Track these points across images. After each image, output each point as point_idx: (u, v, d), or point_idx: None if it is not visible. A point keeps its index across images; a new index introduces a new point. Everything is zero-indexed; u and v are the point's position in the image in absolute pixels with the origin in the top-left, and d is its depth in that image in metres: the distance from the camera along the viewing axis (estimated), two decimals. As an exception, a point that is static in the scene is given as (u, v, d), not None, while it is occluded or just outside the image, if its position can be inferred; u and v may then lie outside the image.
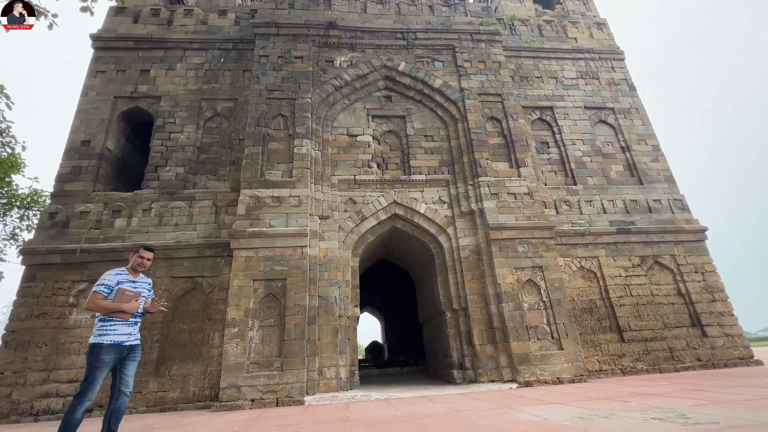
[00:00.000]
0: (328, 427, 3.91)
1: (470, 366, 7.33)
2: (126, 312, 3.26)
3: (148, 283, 3.57)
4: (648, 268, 8.57)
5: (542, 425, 3.31)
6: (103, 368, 3.12)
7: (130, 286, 3.37)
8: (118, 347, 3.20)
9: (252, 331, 6.73)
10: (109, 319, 3.23)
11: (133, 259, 3.50)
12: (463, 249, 8.08)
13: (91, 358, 3.11)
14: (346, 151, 8.85)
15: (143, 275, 3.57)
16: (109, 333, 3.18)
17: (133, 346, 3.32)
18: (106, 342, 3.15)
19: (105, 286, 3.28)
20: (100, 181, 8.31)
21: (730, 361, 7.76)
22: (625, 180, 9.65)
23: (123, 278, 3.38)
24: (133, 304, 3.30)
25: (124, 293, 3.28)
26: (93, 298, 3.23)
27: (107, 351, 3.14)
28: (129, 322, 3.30)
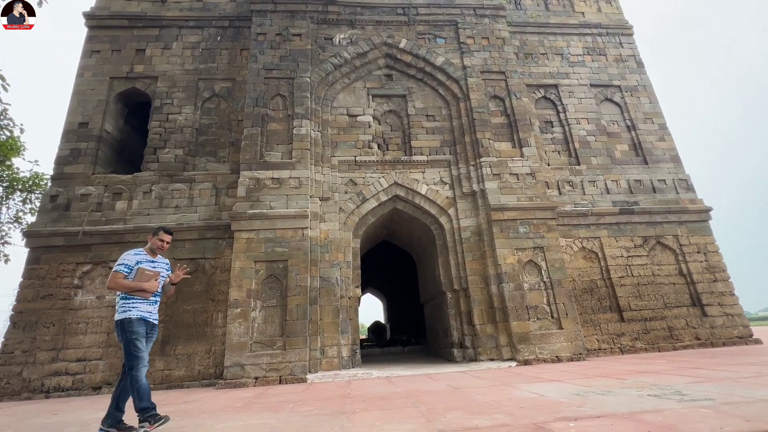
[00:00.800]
0: (328, 404, 3.99)
1: (470, 345, 7.43)
2: (147, 290, 3.29)
3: (166, 263, 3.59)
4: (650, 249, 8.54)
5: (539, 402, 3.35)
6: (140, 337, 3.18)
7: (149, 266, 3.39)
8: (145, 322, 3.28)
9: (254, 311, 6.81)
10: (131, 297, 3.27)
11: (152, 241, 3.51)
12: (464, 230, 8.06)
13: (125, 333, 3.17)
14: (347, 132, 8.73)
15: (161, 256, 3.59)
16: (133, 309, 3.24)
17: (153, 325, 3.38)
18: (135, 316, 3.21)
19: (125, 266, 3.30)
20: (99, 164, 8.28)
21: (728, 340, 7.81)
22: (630, 160, 9.50)
23: (142, 258, 3.40)
24: (153, 283, 3.34)
25: (143, 272, 3.31)
26: (114, 277, 3.26)
27: (138, 324, 3.21)
28: (149, 300, 3.34)
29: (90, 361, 6.78)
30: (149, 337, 3.35)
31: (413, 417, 3.04)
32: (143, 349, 3.17)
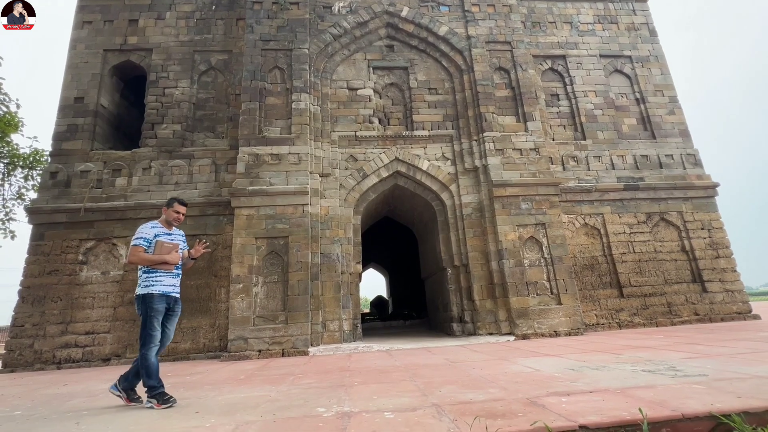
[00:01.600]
0: (328, 377, 4.09)
1: (470, 320, 7.54)
2: (169, 263, 3.25)
3: (182, 235, 3.55)
4: (653, 225, 8.46)
5: (534, 376, 3.41)
6: (158, 316, 3.17)
7: (167, 239, 3.34)
8: (167, 297, 3.24)
9: (256, 286, 6.90)
10: (153, 270, 3.23)
11: (167, 213, 3.45)
12: (465, 206, 8.00)
13: (144, 308, 3.17)
14: (347, 106, 8.53)
15: (176, 227, 3.53)
16: (156, 284, 3.20)
17: (176, 299, 3.35)
18: (156, 292, 3.18)
19: (144, 239, 3.24)
20: (97, 140, 8.20)
21: (727, 315, 7.86)
22: (637, 134, 9.26)
23: (159, 231, 3.34)
24: (175, 255, 3.29)
25: (163, 245, 3.26)
26: (134, 251, 3.21)
27: (158, 300, 3.18)
28: (172, 273, 3.30)
29: (98, 334, 6.97)
30: (173, 312, 3.34)
31: (409, 391, 3.10)
32: (158, 328, 3.17)
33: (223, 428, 2.32)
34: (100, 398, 3.67)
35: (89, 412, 3.03)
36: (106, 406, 3.25)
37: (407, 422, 2.22)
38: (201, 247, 3.54)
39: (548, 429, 1.99)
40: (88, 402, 3.50)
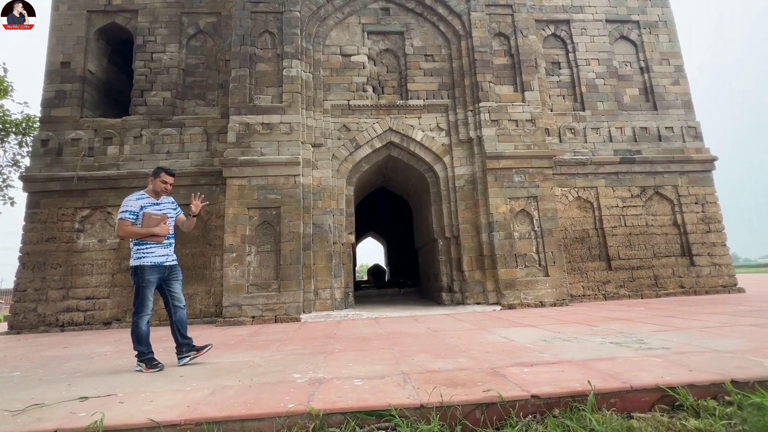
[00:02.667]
0: (312, 343, 4.28)
1: (458, 290, 7.73)
2: (158, 235, 3.28)
3: (171, 203, 3.55)
4: (647, 199, 8.44)
5: (506, 346, 3.55)
6: (150, 286, 3.28)
7: (155, 210, 3.35)
8: (160, 267, 3.31)
9: (249, 256, 7.05)
10: (144, 243, 3.27)
11: (154, 183, 3.43)
12: (458, 178, 7.98)
13: (137, 279, 3.27)
14: (340, 73, 8.30)
15: (165, 196, 3.52)
16: (147, 256, 3.26)
17: (172, 266, 3.43)
18: (148, 263, 3.25)
19: (129, 213, 3.25)
20: (86, 107, 8.09)
21: (712, 288, 8.01)
22: (639, 105, 9.03)
23: (145, 202, 3.35)
24: (164, 227, 3.31)
25: (150, 217, 3.27)
26: (122, 225, 3.24)
27: (150, 271, 3.26)
28: (163, 244, 3.34)
29: (98, 299, 7.22)
30: (174, 278, 3.44)
31: (384, 359, 3.25)
32: (150, 298, 3.29)
33: (201, 392, 2.47)
34: (95, 361, 3.87)
35: (82, 374, 3.22)
36: (99, 369, 3.44)
37: (372, 389, 2.36)
38: (199, 201, 3.53)
39: (501, 397, 2.11)
40: (83, 365, 3.70)
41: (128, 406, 2.25)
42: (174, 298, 3.45)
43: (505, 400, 2.10)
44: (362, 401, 2.15)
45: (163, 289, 3.42)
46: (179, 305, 3.47)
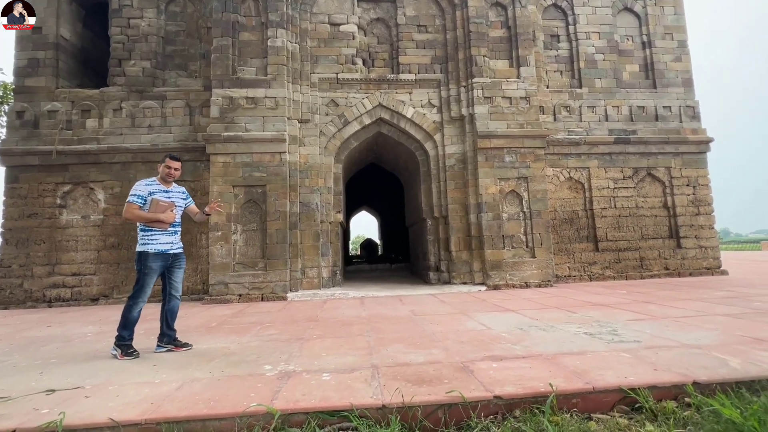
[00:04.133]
0: (292, 327, 4.30)
1: (445, 269, 7.77)
2: (163, 222, 3.28)
3: (181, 192, 3.56)
4: (639, 181, 8.36)
5: (482, 335, 3.58)
6: (152, 274, 3.29)
7: (163, 196, 3.34)
8: (163, 255, 3.33)
9: (235, 234, 6.99)
10: (149, 229, 3.28)
11: (161, 170, 3.42)
12: (449, 157, 7.82)
13: (139, 265, 3.28)
14: (328, 44, 7.92)
15: (176, 184, 3.54)
16: (151, 243, 3.27)
17: (176, 254, 3.45)
18: (151, 251, 3.26)
19: (138, 197, 3.26)
20: (62, 76, 7.72)
21: (696, 270, 8.10)
22: (638, 83, 8.74)
23: (155, 188, 3.34)
24: (170, 215, 3.30)
25: (158, 203, 3.26)
26: (129, 208, 3.24)
27: (153, 258, 3.27)
28: (168, 231, 3.35)
29: (85, 276, 7.21)
30: (177, 266, 3.47)
31: (359, 348, 3.27)
32: (149, 285, 3.31)
33: (169, 386, 2.47)
34: (74, 344, 3.88)
35: (57, 361, 3.22)
36: (75, 354, 3.45)
37: (338, 385, 2.37)
38: (215, 206, 3.63)
39: (463, 398, 2.12)
40: (61, 348, 3.70)
41: (93, 402, 2.25)
42: (172, 287, 3.49)
43: (468, 401, 2.11)
44: (325, 400, 2.15)
45: (164, 275, 3.44)
46: (175, 294, 3.51)
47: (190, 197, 3.69)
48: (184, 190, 3.62)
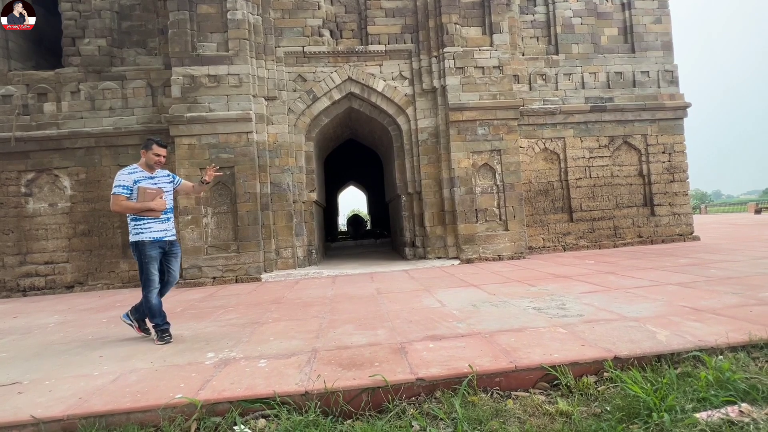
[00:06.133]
0: (253, 311, 4.34)
1: (420, 245, 7.81)
2: (155, 209, 3.19)
3: (166, 175, 3.45)
4: (615, 149, 8.30)
5: (433, 313, 3.63)
6: (153, 261, 3.26)
7: (149, 183, 3.23)
8: (160, 242, 3.28)
9: (206, 218, 6.93)
10: (141, 218, 3.20)
11: (147, 156, 3.27)
12: (421, 132, 7.67)
13: (139, 255, 3.24)
14: (292, 15, 7.55)
15: (159, 169, 3.40)
16: (145, 231, 3.20)
17: (172, 241, 3.39)
18: (147, 239, 3.21)
19: (123, 187, 3.14)
20: (14, 58, 7.36)
21: (669, 237, 8.21)
22: (616, 47, 8.49)
23: (139, 176, 3.22)
24: (160, 202, 3.22)
25: (145, 191, 3.16)
26: (116, 200, 3.14)
27: (150, 247, 3.23)
28: (161, 219, 3.27)
29: (57, 264, 7.17)
30: (173, 254, 3.41)
31: (308, 332, 3.31)
32: (155, 272, 3.27)
33: (105, 378, 2.49)
34: (32, 336, 3.90)
35: (8, 355, 3.23)
36: (29, 346, 3.46)
37: (270, 373, 2.40)
38: (212, 171, 3.55)
39: (386, 381, 2.16)
40: (17, 341, 3.72)
41: (23, 398, 2.27)
42: (170, 274, 3.45)
43: (390, 384, 2.16)
44: (251, 389, 2.19)
45: (161, 263, 3.39)
46: (171, 281, 3.49)
47: (176, 177, 3.58)
48: (168, 173, 3.49)
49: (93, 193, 7.21)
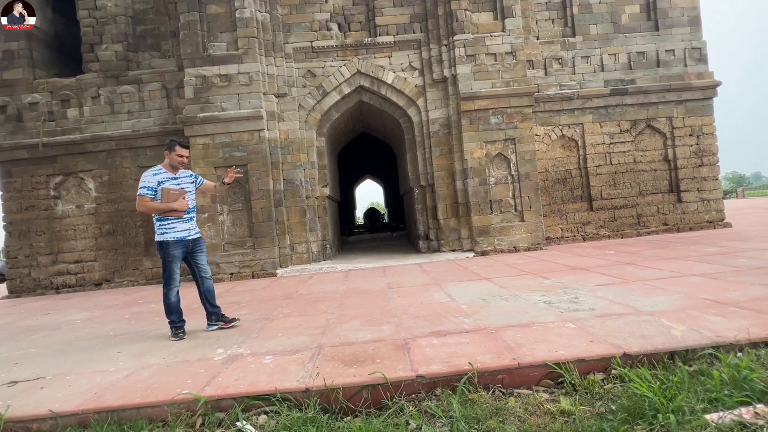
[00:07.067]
0: (266, 305, 4.44)
1: (434, 237, 7.74)
2: (177, 210, 3.30)
3: (189, 176, 3.56)
4: (637, 134, 7.93)
5: (441, 308, 3.60)
6: (176, 261, 3.41)
7: (173, 184, 3.33)
8: (183, 242, 3.40)
9: (222, 215, 7.09)
10: (165, 218, 3.31)
11: (170, 157, 3.38)
12: (432, 123, 7.55)
13: (163, 254, 3.39)
14: (300, 10, 7.53)
15: (182, 169, 3.51)
16: (169, 231, 3.32)
17: (195, 239, 3.52)
18: (171, 239, 3.33)
19: (148, 188, 3.26)
20: (38, 66, 7.68)
21: (697, 224, 7.82)
22: (638, 25, 8.06)
23: (163, 177, 3.32)
24: (183, 202, 3.33)
25: (168, 192, 3.27)
26: (141, 201, 3.26)
27: (174, 246, 3.35)
28: (184, 218, 3.38)
29: (86, 263, 7.53)
30: (199, 250, 3.56)
31: (315, 327, 3.34)
32: (177, 271, 3.43)
33: (120, 374, 2.60)
34: (60, 332, 4.12)
35: (37, 350, 3.43)
36: (56, 342, 3.66)
37: (274, 369, 2.44)
38: (233, 173, 3.67)
39: (385, 379, 2.16)
40: (46, 337, 3.94)
41: (45, 393, 2.39)
42: (200, 270, 3.60)
43: (390, 382, 2.15)
44: (253, 385, 2.23)
45: (189, 261, 3.54)
46: (206, 276, 3.64)
47: (198, 177, 3.69)
48: (191, 173, 3.60)
49: (116, 194, 7.50)
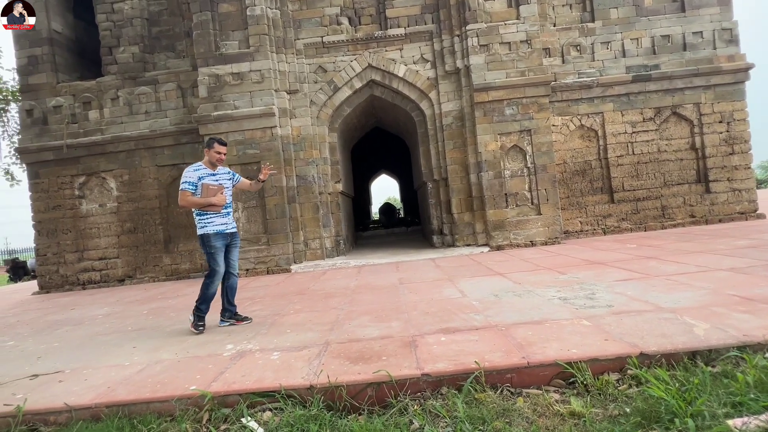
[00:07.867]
0: (278, 301, 4.47)
1: (448, 232, 7.64)
2: (216, 204, 3.44)
3: (227, 173, 3.69)
4: (662, 122, 7.57)
5: (451, 304, 3.53)
6: (218, 252, 3.53)
7: (211, 180, 3.47)
8: (222, 234, 3.55)
9: (237, 212, 7.18)
10: (204, 213, 3.47)
11: (209, 155, 3.52)
12: (445, 116, 7.42)
13: (206, 247, 3.53)
14: (310, 5, 7.50)
15: (221, 166, 3.64)
16: (209, 225, 3.47)
17: (232, 233, 3.66)
18: (211, 231, 3.48)
19: (189, 184, 3.40)
20: (61, 71, 7.94)
21: (727, 216, 7.43)
22: (662, 7, 7.66)
23: (203, 173, 3.47)
24: (221, 197, 3.46)
25: (208, 188, 3.41)
26: (183, 195, 3.42)
27: (215, 238, 3.50)
28: (221, 213, 3.53)
29: (110, 260, 7.80)
30: (233, 245, 3.69)
31: (324, 323, 3.34)
32: (220, 263, 3.54)
33: (133, 369, 2.67)
34: (83, 327, 4.27)
35: (59, 345, 3.56)
36: (78, 336, 3.80)
37: (280, 365, 2.44)
38: (267, 170, 3.77)
39: (390, 377, 2.12)
40: (69, 332, 4.09)
41: (62, 386, 2.47)
42: (230, 265, 3.69)
43: (395, 380, 2.12)
44: (259, 381, 2.24)
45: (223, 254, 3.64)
46: (233, 272, 3.73)
47: (236, 174, 3.80)
48: (228, 170, 3.72)
49: (136, 192, 7.72)
